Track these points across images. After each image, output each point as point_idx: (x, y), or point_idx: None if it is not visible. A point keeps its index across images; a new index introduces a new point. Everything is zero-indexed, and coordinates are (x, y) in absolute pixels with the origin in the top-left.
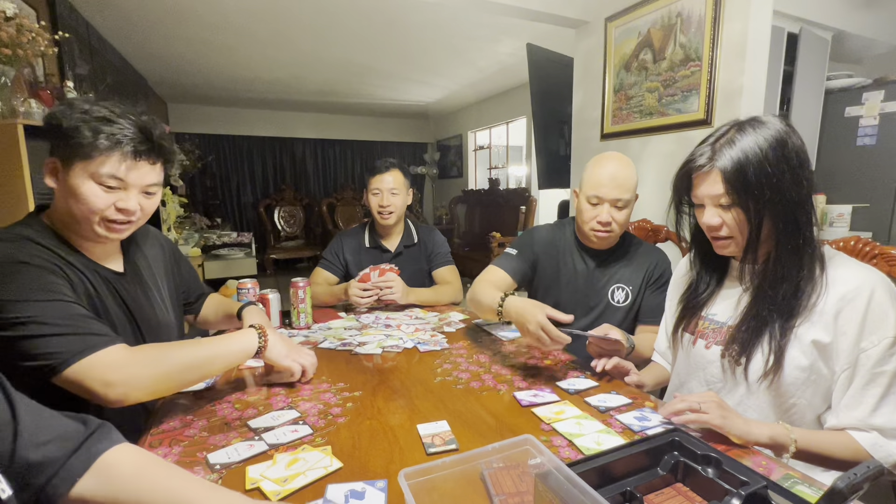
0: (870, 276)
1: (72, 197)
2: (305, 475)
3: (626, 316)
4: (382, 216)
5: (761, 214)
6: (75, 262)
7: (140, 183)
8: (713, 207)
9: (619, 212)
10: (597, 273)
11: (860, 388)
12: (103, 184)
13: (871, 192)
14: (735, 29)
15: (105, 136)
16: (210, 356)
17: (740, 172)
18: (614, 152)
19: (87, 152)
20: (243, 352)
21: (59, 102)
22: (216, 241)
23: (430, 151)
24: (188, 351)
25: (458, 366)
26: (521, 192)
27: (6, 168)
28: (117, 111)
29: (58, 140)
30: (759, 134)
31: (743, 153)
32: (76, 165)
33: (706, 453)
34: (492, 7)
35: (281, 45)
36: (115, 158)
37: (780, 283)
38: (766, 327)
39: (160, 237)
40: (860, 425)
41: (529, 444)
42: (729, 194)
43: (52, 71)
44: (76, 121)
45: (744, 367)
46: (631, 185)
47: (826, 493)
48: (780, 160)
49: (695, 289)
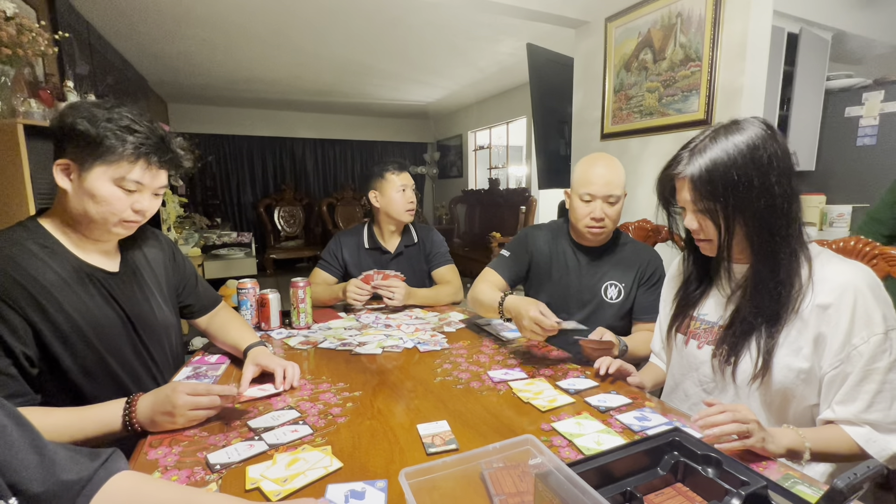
0: (856, 272)
1: (89, 198)
2: (305, 475)
3: (619, 312)
4: (409, 212)
5: (729, 220)
6: (59, 267)
7: (154, 186)
8: (691, 212)
9: (610, 207)
10: (590, 270)
11: (854, 385)
12: (124, 187)
13: (871, 192)
14: (735, 29)
15: (132, 145)
16: (73, 437)
17: (706, 181)
18: (601, 153)
19: (112, 158)
20: (104, 429)
21: (72, 107)
22: (216, 241)
23: (430, 151)
24: (53, 433)
25: (458, 366)
26: (521, 192)
27: (6, 168)
28: (136, 119)
29: (77, 143)
30: (731, 140)
31: (711, 161)
32: (96, 169)
33: (706, 453)
34: (492, 7)
35: (281, 45)
36: (139, 166)
37: (759, 287)
38: (752, 331)
39: (161, 238)
40: (854, 420)
41: (530, 444)
42: (695, 202)
43: (52, 71)
44: (104, 129)
45: (732, 368)
46: (620, 182)
47: (826, 493)
48: (748, 166)
49: (686, 288)
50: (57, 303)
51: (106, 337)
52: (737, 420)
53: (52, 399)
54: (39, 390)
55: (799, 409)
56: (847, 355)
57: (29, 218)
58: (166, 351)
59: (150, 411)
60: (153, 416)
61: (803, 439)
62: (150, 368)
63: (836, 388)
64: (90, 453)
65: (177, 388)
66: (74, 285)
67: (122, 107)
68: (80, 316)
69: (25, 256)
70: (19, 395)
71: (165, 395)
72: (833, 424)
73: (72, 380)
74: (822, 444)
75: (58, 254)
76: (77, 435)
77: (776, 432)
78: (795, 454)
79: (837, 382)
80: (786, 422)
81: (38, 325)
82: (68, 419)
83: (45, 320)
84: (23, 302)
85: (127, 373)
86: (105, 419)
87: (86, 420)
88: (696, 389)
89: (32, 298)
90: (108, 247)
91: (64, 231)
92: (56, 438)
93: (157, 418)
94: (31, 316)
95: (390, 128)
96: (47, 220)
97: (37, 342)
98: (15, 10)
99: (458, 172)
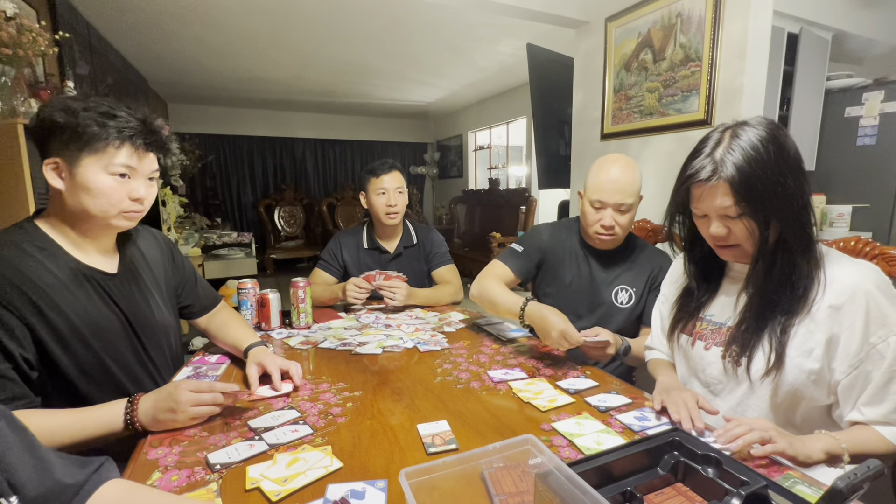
0: (866, 271)
1: (85, 193)
2: (305, 475)
3: (629, 317)
4: (389, 216)
5: (769, 221)
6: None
7: (147, 170)
8: (718, 218)
9: (622, 215)
10: (601, 274)
11: (881, 386)
12: (116, 173)
13: (871, 192)
14: (735, 29)
15: (115, 129)
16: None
17: (747, 183)
18: (618, 154)
19: (98, 146)
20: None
21: (46, 104)
22: (216, 241)
23: (430, 151)
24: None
25: (458, 366)
26: (521, 192)
27: (6, 168)
28: (114, 105)
29: (60, 138)
30: (755, 140)
31: (745, 162)
32: (84, 161)
33: (706, 453)
34: (492, 7)
35: (281, 45)
36: (125, 149)
37: (782, 283)
38: (766, 326)
39: (160, 238)
40: (884, 420)
41: (530, 444)
42: (738, 205)
43: (52, 71)
44: (84, 118)
45: (745, 366)
46: (634, 189)
47: (826, 493)
48: (780, 164)
49: (692, 293)
50: (55, 305)
51: (104, 338)
52: (756, 429)
53: (52, 402)
54: (39, 393)
55: (806, 410)
56: (866, 354)
57: (25, 219)
58: (165, 352)
59: (153, 409)
60: (155, 414)
61: (838, 441)
62: (150, 369)
63: (860, 390)
64: (81, 461)
65: (179, 386)
66: (72, 287)
67: (97, 97)
68: (79, 318)
69: (22, 258)
70: (20, 397)
71: (168, 393)
72: (863, 425)
73: (71, 382)
74: (857, 446)
75: (55, 255)
76: (79, 435)
77: (807, 438)
78: (834, 458)
79: (860, 384)
80: (793, 424)
81: (36, 327)
82: (70, 420)
83: (42, 323)
84: (20, 305)
85: (126, 374)
86: (107, 419)
87: (87, 420)
88: (701, 390)
89: (30, 301)
90: (106, 247)
91: (61, 231)
92: (59, 439)
93: (159, 416)
94: (29, 318)
95: (390, 128)
96: (43, 221)
97: (35, 345)
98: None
99: (458, 172)
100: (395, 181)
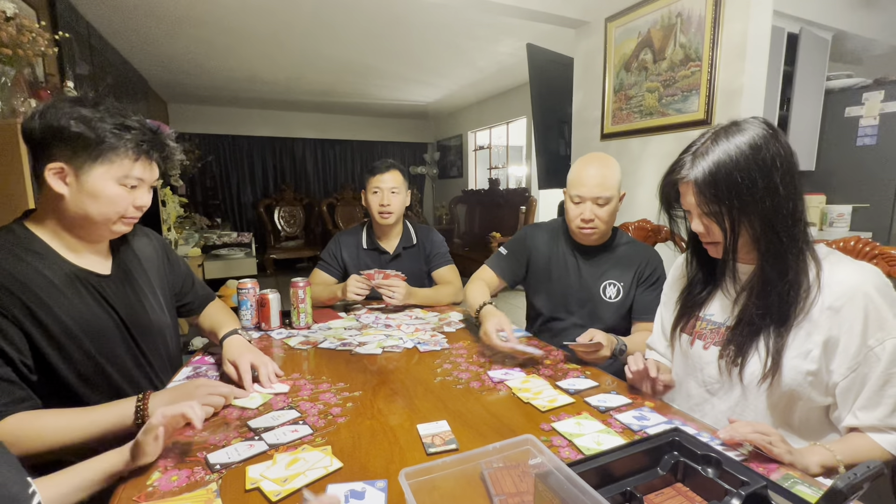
0: (866, 273)
1: (92, 199)
2: (305, 475)
3: (618, 311)
4: (382, 216)
5: (735, 222)
6: (50, 272)
7: (152, 179)
8: (697, 216)
9: (600, 209)
10: (588, 269)
11: (877, 390)
12: (127, 185)
13: (871, 192)
14: (735, 29)
15: (133, 143)
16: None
17: (710, 184)
18: (597, 153)
19: (113, 157)
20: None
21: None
22: (216, 241)
23: (430, 151)
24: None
25: (458, 366)
26: (521, 192)
27: (6, 168)
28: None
29: (70, 146)
30: (733, 141)
31: (714, 164)
32: (96, 170)
33: (706, 453)
34: (492, 7)
35: (281, 45)
36: (140, 163)
37: (767, 288)
38: (760, 332)
39: (153, 237)
40: (879, 425)
41: (530, 444)
42: (700, 206)
43: (52, 71)
44: (100, 129)
45: (740, 369)
46: (611, 183)
47: (826, 493)
48: (751, 167)
49: (692, 289)
50: (49, 308)
51: (100, 341)
52: (759, 431)
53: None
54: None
55: (804, 410)
56: (864, 357)
57: (15, 221)
58: (162, 353)
59: (169, 399)
60: (171, 401)
61: (833, 454)
62: (147, 371)
63: (856, 393)
64: None
65: (195, 380)
66: (66, 290)
67: (104, 101)
68: (73, 321)
69: (14, 262)
70: (23, 399)
71: (184, 385)
72: (859, 433)
73: (69, 386)
74: (853, 457)
75: (48, 258)
76: (89, 429)
77: (804, 451)
78: (830, 470)
79: (856, 386)
80: (790, 424)
81: (32, 332)
82: (80, 417)
83: (37, 327)
84: (15, 310)
85: (123, 377)
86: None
87: (97, 416)
88: (699, 390)
89: (24, 305)
90: (100, 248)
91: (55, 234)
92: (70, 437)
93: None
94: (24, 323)
95: (390, 128)
96: (35, 224)
97: (32, 350)
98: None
99: (458, 172)
100: (392, 181)
